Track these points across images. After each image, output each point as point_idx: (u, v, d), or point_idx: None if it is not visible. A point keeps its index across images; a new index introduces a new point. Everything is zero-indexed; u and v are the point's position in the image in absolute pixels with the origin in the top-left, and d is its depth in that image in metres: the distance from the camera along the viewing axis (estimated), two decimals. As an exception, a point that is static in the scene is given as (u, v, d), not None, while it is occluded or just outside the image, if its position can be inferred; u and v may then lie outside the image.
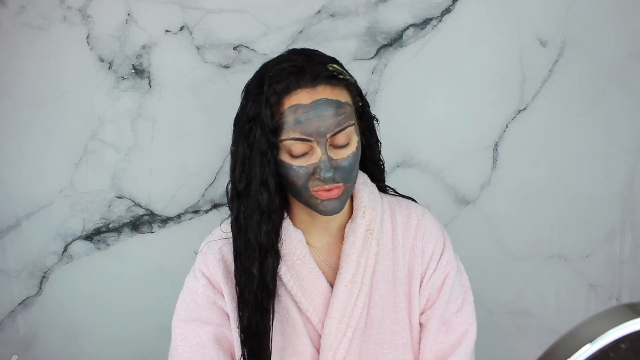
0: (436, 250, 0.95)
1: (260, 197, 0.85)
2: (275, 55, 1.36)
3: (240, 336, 0.89)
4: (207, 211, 1.45)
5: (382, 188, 1.02)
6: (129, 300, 1.47)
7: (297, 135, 0.82)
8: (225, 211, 1.43)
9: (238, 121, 0.89)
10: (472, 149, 1.46)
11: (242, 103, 0.89)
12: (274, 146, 0.83)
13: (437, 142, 1.44)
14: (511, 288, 1.53)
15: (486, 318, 1.52)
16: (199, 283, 0.94)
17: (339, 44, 1.38)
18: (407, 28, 1.39)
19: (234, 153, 0.90)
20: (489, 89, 1.43)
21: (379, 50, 1.39)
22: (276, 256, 0.88)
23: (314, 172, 0.83)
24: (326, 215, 0.86)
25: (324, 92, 0.83)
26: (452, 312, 0.96)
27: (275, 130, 0.82)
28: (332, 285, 0.92)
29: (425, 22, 1.39)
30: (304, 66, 0.83)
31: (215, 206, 1.45)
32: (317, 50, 0.90)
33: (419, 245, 0.94)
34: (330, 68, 0.85)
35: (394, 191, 1.04)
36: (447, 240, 0.98)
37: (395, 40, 1.39)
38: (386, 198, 0.98)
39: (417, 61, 1.40)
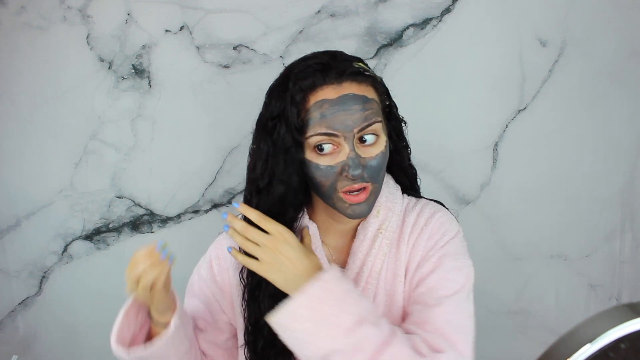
0: (437, 244, 0.89)
1: (281, 193, 0.84)
2: (275, 55, 1.38)
3: (248, 327, 0.89)
4: (207, 211, 1.45)
5: (409, 193, 0.98)
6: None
7: (324, 130, 0.80)
8: (225, 211, 1.43)
9: (261, 120, 0.87)
10: (472, 149, 1.46)
11: (265, 102, 0.87)
12: (299, 144, 0.81)
13: (437, 142, 1.44)
14: (511, 288, 1.53)
15: (486, 318, 1.52)
16: (206, 271, 0.97)
17: (339, 44, 1.38)
18: (407, 28, 1.39)
19: (254, 151, 0.88)
20: (489, 89, 1.43)
21: (379, 50, 1.39)
22: None
23: (341, 171, 0.81)
24: (354, 219, 0.85)
25: (350, 88, 0.82)
26: (432, 303, 0.85)
27: (301, 127, 0.81)
28: None
29: (425, 22, 1.39)
30: (329, 63, 0.83)
31: (215, 206, 1.45)
32: (342, 51, 0.89)
33: (422, 241, 0.90)
34: (356, 65, 0.84)
35: (420, 196, 1.00)
36: (456, 239, 0.90)
37: (395, 40, 1.39)
38: (406, 199, 0.95)
39: (417, 61, 1.40)
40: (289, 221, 0.87)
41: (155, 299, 0.84)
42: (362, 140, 0.82)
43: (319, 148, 0.81)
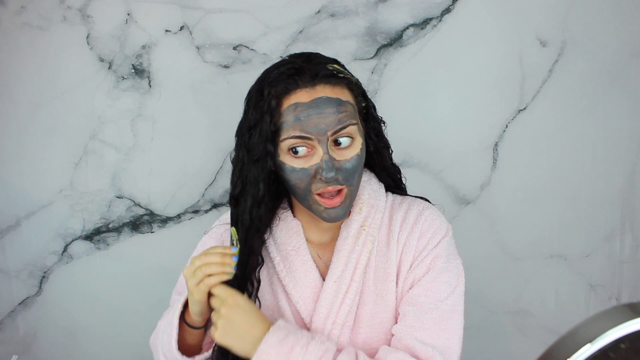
0: (429, 244, 0.89)
1: (251, 203, 0.86)
2: (275, 55, 1.38)
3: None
4: (207, 211, 1.45)
5: (393, 191, 0.98)
6: (129, 300, 1.47)
7: (297, 133, 0.80)
8: (225, 212, 1.43)
9: (240, 129, 0.89)
10: (472, 149, 1.46)
11: (244, 110, 0.88)
12: (269, 153, 0.83)
13: (437, 142, 1.44)
14: (511, 288, 1.53)
15: (486, 318, 1.52)
16: None
17: (339, 44, 1.38)
18: (407, 28, 1.39)
19: (233, 160, 0.90)
20: (489, 89, 1.43)
21: (378, 50, 1.39)
22: (259, 237, 0.89)
23: (315, 174, 0.82)
24: (330, 222, 0.86)
25: (323, 91, 0.82)
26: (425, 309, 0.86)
27: (275, 133, 0.82)
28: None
29: (425, 22, 1.39)
30: (302, 67, 0.83)
31: (215, 206, 1.45)
32: (318, 53, 0.89)
33: (414, 240, 0.90)
34: (330, 67, 0.84)
35: (406, 193, 1.00)
36: (447, 238, 0.91)
37: (395, 40, 1.39)
38: (391, 197, 0.95)
39: (417, 61, 1.40)
40: (263, 225, 0.89)
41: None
42: (336, 143, 0.82)
43: (293, 151, 0.82)
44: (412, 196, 0.98)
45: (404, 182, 1.00)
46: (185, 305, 0.88)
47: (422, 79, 1.41)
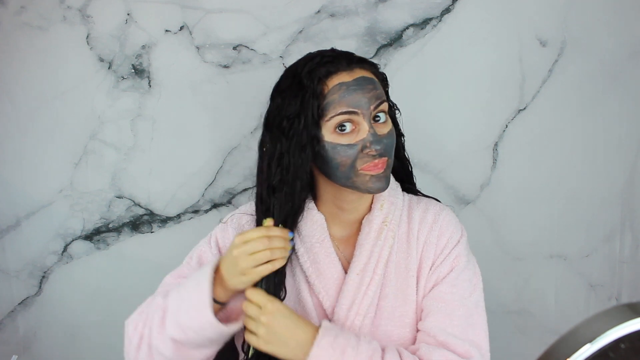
0: (449, 244, 0.95)
1: (297, 189, 0.89)
2: (274, 55, 1.38)
3: None
4: (206, 211, 1.45)
5: (408, 189, 1.03)
6: (128, 300, 1.47)
7: (345, 109, 0.85)
8: (225, 212, 1.43)
9: (273, 121, 0.90)
10: (472, 149, 1.46)
11: (275, 104, 0.91)
12: (315, 138, 0.86)
13: (437, 142, 1.44)
14: (511, 288, 1.53)
15: (486, 318, 1.52)
16: (210, 251, 0.98)
17: (339, 44, 1.37)
18: (407, 28, 1.39)
19: (267, 151, 0.91)
20: (489, 89, 1.43)
21: (378, 50, 1.39)
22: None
23: (362, 149, 0.86)
24: (373, 193, 0.89)
25: (361, 72, 0.88)
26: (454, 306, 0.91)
27: (321, 115, 0.86)
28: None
29: (425, 22, 1.39)
30: (337, 54, 0.90)
31: (215, 206, 1.45)
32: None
33: (433, 238, 0.95)
34: (357, 56, 0.92)
35: (419, 192, 1.05)
36: (464, 238, 0.97)
37: (395, 40, 1.39)
38: (407, 196, 1.00)
39: (416, 61, 1.40)
40: (296, 215, 0.92)
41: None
42: (375, 119, 0.88)
43: (340, 128, 0.86)
44: (426, 196, 1.03)
45: (414, 179, 1.05)
46: None
47: (422, 79, 1.41)
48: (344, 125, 0.86)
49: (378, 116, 0.88)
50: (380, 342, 0.88)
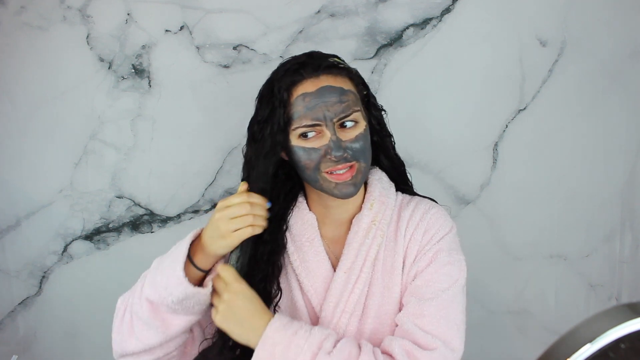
0: (433, 239, 0.94)
1: (261, 189, 0.91)
2: (274, 55, 1.38)
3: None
4: (207, 211, 1.45)
5: (404, 189, 1.03)
6: (129, 300, 1.47)
7: (308, 122, 0.88)
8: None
9: (251, 125, 0.95)
10: (472, 149, 1.46)
11: (256, 108, 0.95)
12: (280, 143, 0.90)
13: (437, 142, 1.44)
14: (511, 288, 1.53)
15: (486, 318, 1.52)
16: None
17: (339, 44, 1.38)
18: (407, 28, 1.39)
19: (244, 156, 0.96)
20: (489, 89, 1.43)
21: (378, 50, 1.39)
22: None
23: (325, 153, 0.88)
24: (341, 198, 0.90)
25: (327, 80, 0.89)
26: (427, 297, 0.90)
27: (287, 123, 0.89)
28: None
29: (425, 22, 1.39)
30: (305, 61, 0.91)
31: (215, 206, 1.45)
32: (319, 51, 0.98)
33: (419, 235, 0.95)
34: (331, 60, 0.92)
35: (414, 192, 1.04)
36: (450, 235, 0.95)
37: (395, 40, 1.39)
38: (401, 196, 1.01)
39: (417, 61, 1.40)
40: (281, 212, 0.96)
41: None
42: (342, 125, 0.90)
43: (303, 135, 0.89)
44: (420, 196, 1.03)
45: (410, 178, 1.06)
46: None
47: (422, 79, 1.41)
48: (307, 134, 0.89)
49: (345, 123, 0.89)
50: (369, 340, 0.90)
